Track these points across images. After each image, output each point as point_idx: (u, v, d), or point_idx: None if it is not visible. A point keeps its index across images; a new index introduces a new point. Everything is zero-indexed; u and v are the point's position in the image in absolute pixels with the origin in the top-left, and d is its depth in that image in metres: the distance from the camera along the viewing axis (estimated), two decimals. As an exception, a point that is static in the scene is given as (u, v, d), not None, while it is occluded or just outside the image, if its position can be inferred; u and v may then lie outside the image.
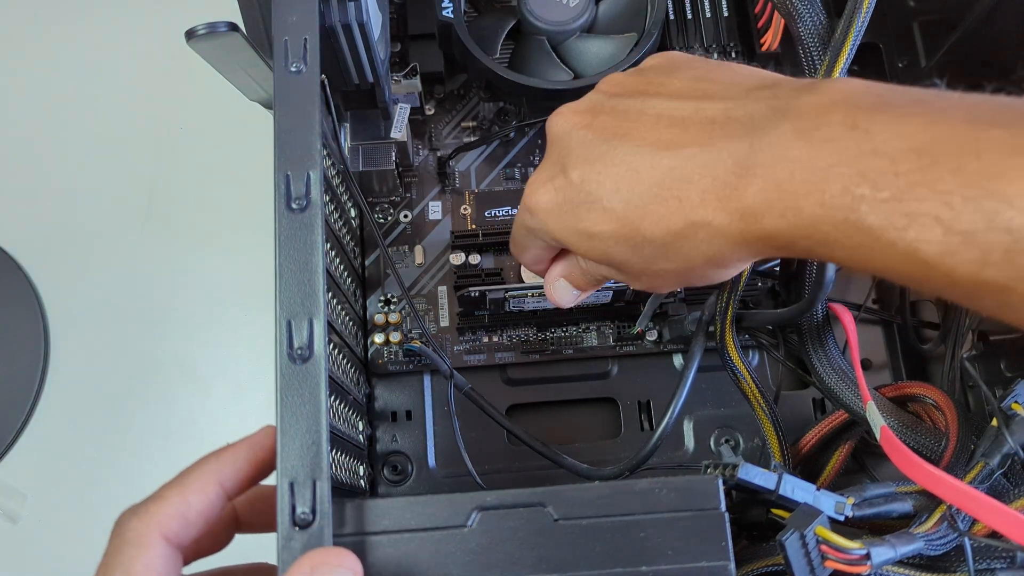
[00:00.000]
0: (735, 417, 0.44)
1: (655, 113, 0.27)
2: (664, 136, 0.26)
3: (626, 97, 0.28)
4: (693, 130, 0.25)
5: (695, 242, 0.25)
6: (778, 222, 0.23)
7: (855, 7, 0.30)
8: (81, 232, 0.57)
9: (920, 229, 0.20)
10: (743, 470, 0.28)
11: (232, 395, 0.54)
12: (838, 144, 0.22)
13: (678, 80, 0.28)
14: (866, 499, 0.29)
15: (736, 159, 0.24)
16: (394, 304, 0.45)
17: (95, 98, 0.60)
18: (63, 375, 0.54)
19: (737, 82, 0.27)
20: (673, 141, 0.25)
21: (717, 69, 0.28)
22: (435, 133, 0.49)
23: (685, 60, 0.29)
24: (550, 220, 0.28)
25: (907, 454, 0.28)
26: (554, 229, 0.28)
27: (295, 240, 0.27)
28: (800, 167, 0.22)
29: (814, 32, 0.34)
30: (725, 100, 0.26)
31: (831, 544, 0.27)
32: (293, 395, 0.26)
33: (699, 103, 0.26)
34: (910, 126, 0.21)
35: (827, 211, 0.22)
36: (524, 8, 0.44)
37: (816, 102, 0.23)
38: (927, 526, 0.28)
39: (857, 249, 0.22)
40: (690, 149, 0.25)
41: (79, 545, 0.52)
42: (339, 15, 0.33)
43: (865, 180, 0.21)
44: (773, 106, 0.24)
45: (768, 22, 0.46)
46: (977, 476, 0.29)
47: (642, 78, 0.29)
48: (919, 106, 0.22)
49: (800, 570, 0.27)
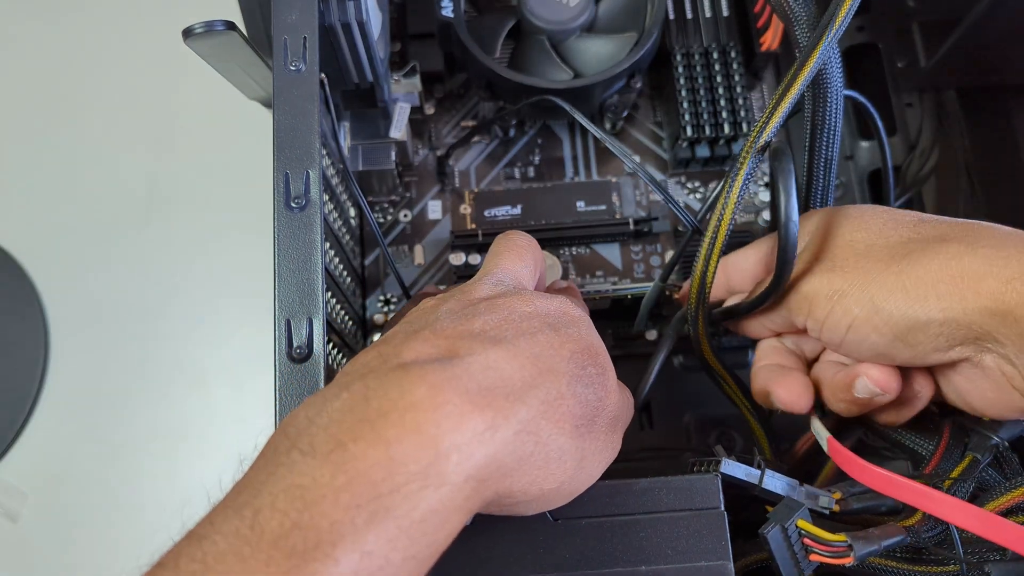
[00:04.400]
0: (734, 417, 0.44)
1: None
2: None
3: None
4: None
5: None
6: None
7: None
8: (81, 232, 0.57)
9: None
10: (725, 465, 0.29)
11: (231, 394, 0.54)
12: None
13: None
14: (854, 494, 0.30)
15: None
16: (394, 304, 0.45)
17: (94, 98, 0.60)
18: (63, 375, 0.54)
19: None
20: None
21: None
22: (435, 133, 0.49)
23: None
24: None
25: (856, 460, 0.28)
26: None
27: (294, 239, 0.27)
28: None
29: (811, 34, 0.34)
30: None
31: (813, 537, 0.27)
32: (292, 395, 0.26)
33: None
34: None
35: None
36: (524, 7, 0.44)
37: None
38: (914, 519, 0.28)
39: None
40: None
41: (79, 544, 0.52)
42: (339, 14, 0.33)
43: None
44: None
45: (768, 22, 0.46)
46: (967, 469, 0.29)
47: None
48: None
49: (784, 563, 0.27)
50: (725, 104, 0.45)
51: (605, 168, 0.48)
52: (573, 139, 0.49)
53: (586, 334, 0.27)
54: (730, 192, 0.30)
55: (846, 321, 0.29)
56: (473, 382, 0.22)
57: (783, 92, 0.30)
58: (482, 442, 0.21)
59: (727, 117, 0.45)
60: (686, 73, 0.45)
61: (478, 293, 0.27)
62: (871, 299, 0.28)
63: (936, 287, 0.26)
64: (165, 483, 0.52)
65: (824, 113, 0.32)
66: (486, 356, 0.23)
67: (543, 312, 0.27)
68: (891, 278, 0.27)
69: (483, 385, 0.22)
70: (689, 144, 0.46)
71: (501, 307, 0.26)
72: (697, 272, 0.33)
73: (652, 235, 0.46)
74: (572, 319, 0.27)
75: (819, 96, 0.32)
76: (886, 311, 0.27)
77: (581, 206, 0.47)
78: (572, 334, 0.26)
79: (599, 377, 0.26)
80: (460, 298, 0.27)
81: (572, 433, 0.24)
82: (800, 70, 0.29)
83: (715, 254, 0.31)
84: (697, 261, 0.32)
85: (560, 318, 0.27)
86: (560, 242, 0.45)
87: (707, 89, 0.45)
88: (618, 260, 0.46)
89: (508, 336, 0.25)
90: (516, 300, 0.27)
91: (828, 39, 0.29)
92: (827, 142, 0.33)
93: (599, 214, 0.46)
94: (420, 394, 0.21)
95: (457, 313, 0.26)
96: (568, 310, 0.28)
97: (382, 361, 0.23)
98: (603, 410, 0.26)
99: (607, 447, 0.26)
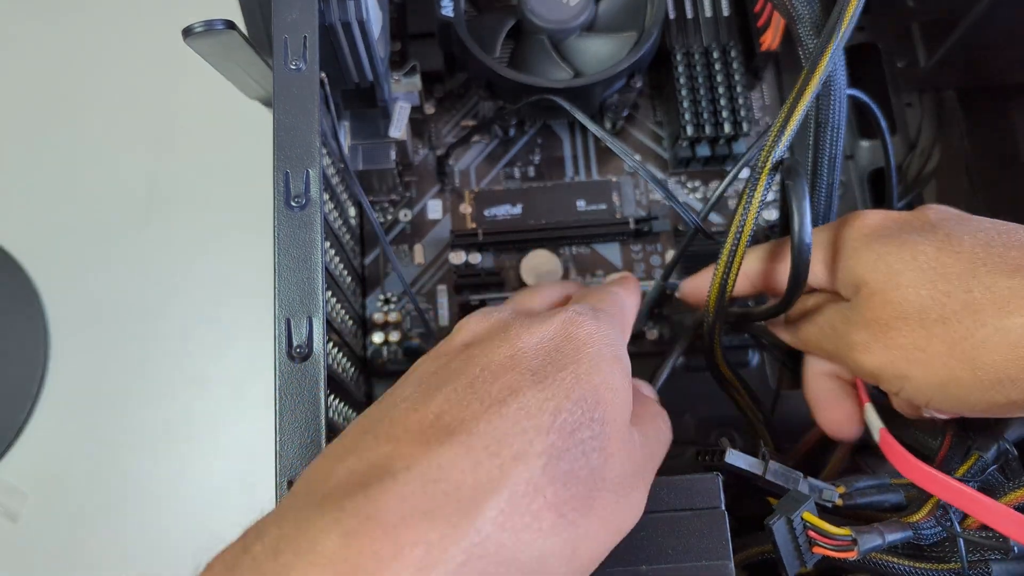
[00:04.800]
0: (735, 416, 0.44)
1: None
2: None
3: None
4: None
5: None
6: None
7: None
8: (81, 232, 0.57)
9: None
10: (730, 455, 0.29)
11: (231, 394, 0.54)
12: None
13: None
14: (858, 489, 0.30)
15: None
16: (394, 303, 0.45)
17: (94, 97, 0.60)
18: (63, 375, 0.54)
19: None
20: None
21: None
22: (435, 132, 0.49)
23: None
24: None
25: (906, 456, 0.28)
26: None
27: (294, 238, 0.27)
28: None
29: (814, 33, 0.34)
30: None
31: (818, 530, 0.27)
32: (292, 394, 0.26)
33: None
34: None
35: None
36: (524, 7, 0.44)
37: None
38: (918, 516, 0.28)
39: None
40: None
41: (79, 544, 0.52)
42: (339, 13, 0.33)
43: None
44: None
45: (768, 21, 0.46)
46: (971, 469, 0.29)
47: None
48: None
49: (788, 555, 0.27)
50: (725, 103, 0.45)
51: (605, 168, 0.48)
52: (573, 139, 0.49)
53: (588, 374, 0.22)
54: (748, 208, 0.30)
55: (942, 397, 0.26)
56: (406, 507, 0.18)
57: (794, 102, 0.29)
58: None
59: (727, 116, 0.44)
60: (686, 72, 0.45)
61: (461, 336, 0.24)
62: (952, 337, 0.25)
63: (1008, 370, 0.24)
64: (165, 483, 0.52)
65: (828, 112, 0.32)
66: (429, 462, 0.19)
67: (530, 352, 0.22)
68: (957, 358, 0.25)
69: (419, 508, 0.18)
70: (689, 143, 0.46)
71: (474, 361, 0.22)
72: (716, 284, 0.32)
73: (652, 235, 0.46)
74: (573, 349, 0.23)
75: (823, 95, 0.32)
76: (973, 353, 0.24)
77: (581, 205, 0.46)
78: (563, 381, 0.21)
79: (598, 438, 0.21)
80: (442, 348, 0.24)
81: (555, 527, 0.20)
82: (809, 80, 0.29)
83: (735, 267, 0.31)
84: (716, 273, 0.32)
85: (552, 355, 0.22)
86: (560, 242, 0.45)
87: (707, 88, 0.45)
88: (618, 260, 0.46)
89: (466, 419, 0.20)
90: (496, 344, 0.23)
91: (835, 43, 0.29)
92: (831, 141, 0.33)
93: (599, 214, 0.46)
94: (330, 546, 0.18)
95: (422, 386, 0.22)
96: (572, 332, 0.23)
97: (308, 490, 0.20)
98: (606, 477, 0.21)
99: (617, 515, 0.22)
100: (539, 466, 0.20)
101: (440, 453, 0.19)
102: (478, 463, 0.19)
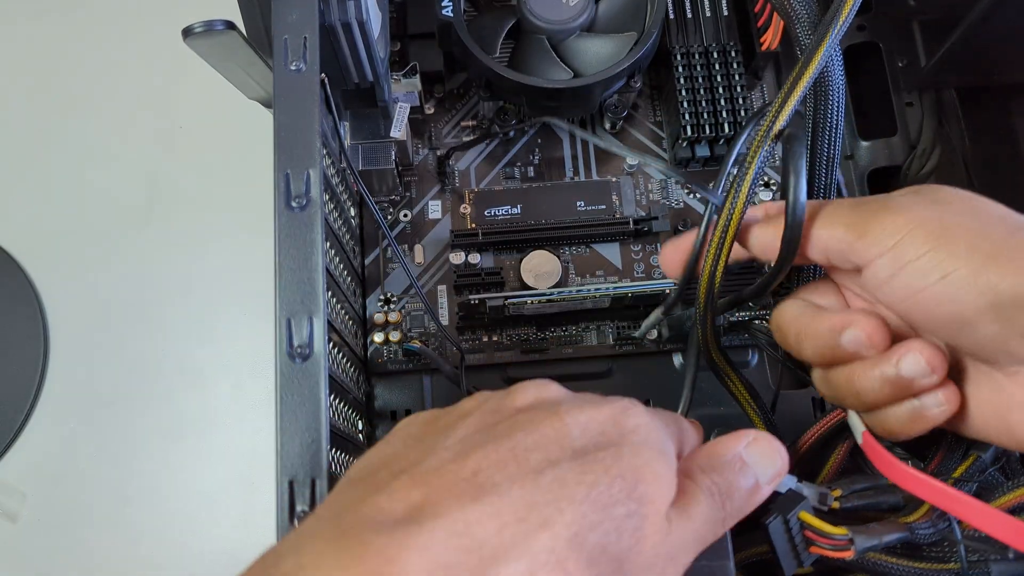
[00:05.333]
0: (735, 416, 0.44)
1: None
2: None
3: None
4: None
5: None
6: None
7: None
8: (81, 232, 0.57)
9: None
10: None
11: (232, 394, 0.54)
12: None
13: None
14: (855, 491, 0.30)
15: None
16: (393, 303, 0.45)
17: (94, 97, 0.60)
18: (63, 375, 0.54)
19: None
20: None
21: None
22: (435, 132, 0.49)
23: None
24: None
25: (888, 458, 0.28)
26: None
27: (295, 238, 0.27)
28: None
29: (812, 32, 0.34)
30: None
31: (815, 529, 0.27)
32: (293, 394, 0.26)
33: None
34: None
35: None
36: (524, 7, 0.44)
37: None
38: (915, 517, 0.28)
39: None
40: None
41: (78, 544, 0.52)
42: (339, 14, 0.33)
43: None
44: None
45: (768, 21, 0.46)
46: (969, 469, 0.29)
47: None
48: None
49: (784, 554, 0.27)
50: (725, 104, 0.45)
51: (605, 168, 0.48)
52: (573, 139, 0.49)
53: (631, 456, 0.22)
54: (736, 197, 0.29)
55: (944, 269, 0.24)
56: (427, 556, 0.18)
57: (791, 85, 0.29)
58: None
59: (727, 116, 0.44)
60: (686, 73, 0.45)
61: (516, 400, 0.24)
62: (985, 257, 0.24)
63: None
64: (165, 483, 0.52)
65: (825, 112, 0.32)
66: (455, 517, 0.19)
67: (576, 430, 0.22)
68: (1015, 244, 0.24)
69: (439, 560, 0.18)
70: (689, 143, 0.46)
71: (520, 427, 0.22)
72: (706, 272, 0.31)
73: (652, 235, 0.46)
74: (620, 435, 0.22)
75: (820, 95, 0.32)
76: (996, 275, 0.23)
77: (581, 206, 0.46)
78: (603, 460, 0.21)
79: (633, 516, 0.21)
80: (494, 405, 0.24)
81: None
82: (806, 67, 0.29)
83: (724, 253, 0.30)
84: (705, 260, 0.31)
85: (597, 439, 0.22)
86: (560, 242, 0.45)
87: (707, 89, 0.45)
88: (618, 260, 0.46)
89: (501, 481, 0.20)
90: (544, 415, 0.23)
91: (835, 32, 0.29)
92: (828, 141, 0.33)
93: (599, 214, 0.46)
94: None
95: (466, 440, 0.22)
96: (622, 420, 0.23)
97: (333, 517, 0.20)
98: (636, 560, 0.21)
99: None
100: (565, 536, 0.20)
101: (470, 509, 0.19)
102: (504, 525, 0.19)
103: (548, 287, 0.44)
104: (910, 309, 0.26)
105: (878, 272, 0.26)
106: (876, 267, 0.26)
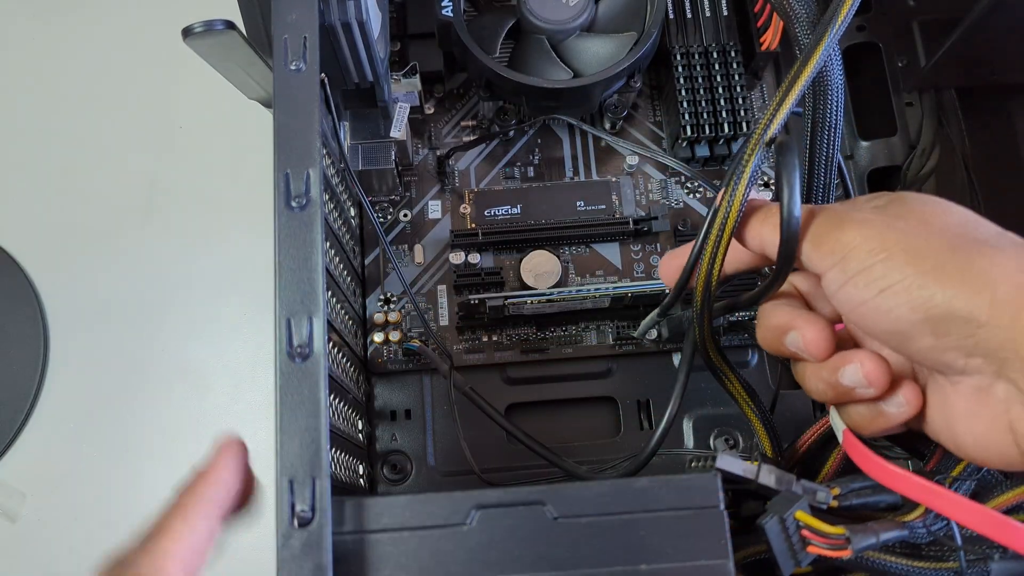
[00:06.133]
0: (735, 416, 0.44)
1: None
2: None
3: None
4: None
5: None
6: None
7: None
8: (81, 232, 0.57)
9: None
10: (721, 460, 0.29)
11: (231, 394, 0.54)
12: None
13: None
14: (853, 490, 0.30)
15: None
16: (393, 303, 0.45)
17: (94, 97, 0.60)
18: (63, 375, 0.54)
19: None
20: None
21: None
22: (435, 132, 0.49)
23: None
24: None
25: (869, 456, 0.28)
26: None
27: (295, 238, 0.27)
28: None
29: (811, 32, 0.34)
30: None
31: (812, 528, 0.27)
32: (293, 393, 0.26)
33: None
34: None
35: None
36: (524, 7, 0.44)
37: None
38: (912, 515, 0.28)
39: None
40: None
41: (78, 544, 0.52)
42: (339, 14, 0.33)
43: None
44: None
45: (768, 21, 0.46)
46: (968, 467, 0.29)
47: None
48: None
49: (781, 554, 0.27)
50: (725, 104, 0.45)
51: (605, 168, 0.48)
52: (573, 139, 0.49)
53: None
54: (735, 193, 0.29)
55: (882, 284, 0.26)
56: None
57: (789, 85, 0.29)
58: None
59: (727, 116, 0.45)
60: (686, 73, 0.45)
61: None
62: (921, 272, 0.25)
63: (997, 288, 0.24)
64: (165, 483, 0.52)
65: (824, 111, 0.32)
66: None
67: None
68: (953, 259, 0.25)
69: None
70: (689, 143, 0.46)
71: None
72: (702, 273, 0.31)
73: (652, 235, 0.46)
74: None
75: (819, 94, 0.32)
76: (931, 289, 0.25)
77: (581, 206, 0.47)
78: None
79: None
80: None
81: None
82: (804, 66, 0.29)
83: (720, 252, 0.30)
84: (702, 261, 0.31)
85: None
86: (560, 242, 0.45)
87: (707, 89, 0.45)
88: (618, 260, 0.46)
89: None
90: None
91: (833, 31, 0.29)
92: (828, 141, 0.33)
93: (599, 214, 0.46)
94: None
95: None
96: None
97: None
98: None
99: None
100: None
101: None
102: None
103: (548, 287, 0.44)
104: (858, 320, 0.28)
105: (829, 284, 0.28)
106: (827, 279, 0.28)
